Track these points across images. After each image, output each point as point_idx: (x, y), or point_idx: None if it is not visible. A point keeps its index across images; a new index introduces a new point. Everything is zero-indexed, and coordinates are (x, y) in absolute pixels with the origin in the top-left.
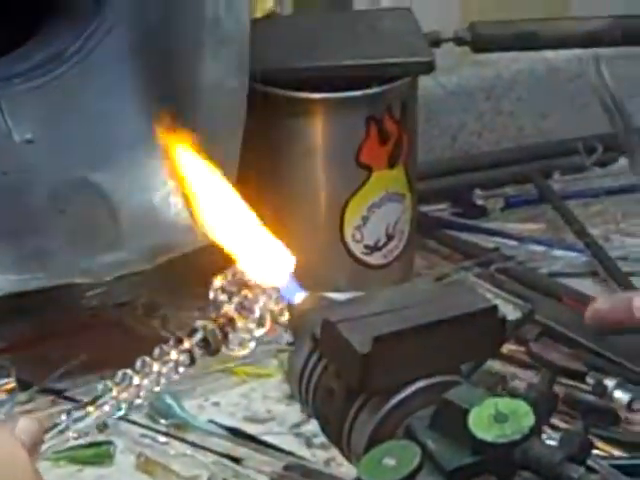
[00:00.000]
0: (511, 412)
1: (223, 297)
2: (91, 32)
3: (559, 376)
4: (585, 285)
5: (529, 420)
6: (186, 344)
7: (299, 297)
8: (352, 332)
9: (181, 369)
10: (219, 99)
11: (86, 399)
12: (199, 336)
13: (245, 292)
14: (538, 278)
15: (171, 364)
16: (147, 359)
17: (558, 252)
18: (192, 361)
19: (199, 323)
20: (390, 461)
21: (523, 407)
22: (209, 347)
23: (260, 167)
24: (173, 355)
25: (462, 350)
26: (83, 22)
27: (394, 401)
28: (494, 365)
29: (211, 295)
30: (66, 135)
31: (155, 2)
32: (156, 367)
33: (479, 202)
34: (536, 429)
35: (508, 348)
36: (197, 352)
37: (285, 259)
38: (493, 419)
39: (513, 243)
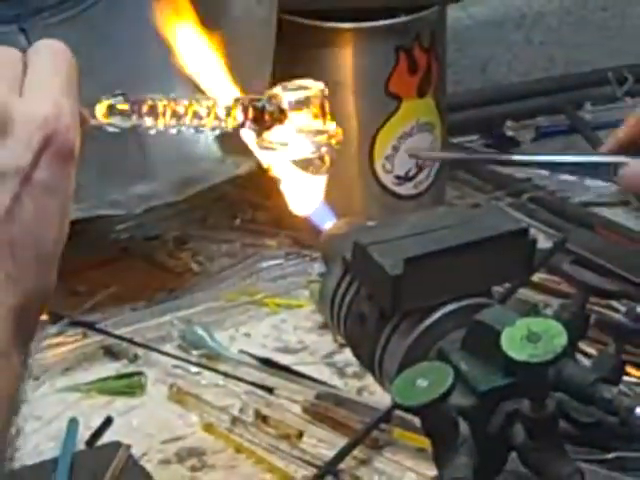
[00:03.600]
0: (544, 332)
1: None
2: None
3: (592, 296)
4: (617, 214)
5: (562, 340)
6: (241, 105)
7: (330, 223)
8: (383, 254)
9: (226, 128)
10: (248, 29)
11: (117, 332)
12: (261, 103)
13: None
14: (570, 207)
15: (220, 118)
16: (203, 100)
17: (590, 182)
18: (242, 125)
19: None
20: (423, 382)
21: (556, 327)
22: (263, 119)
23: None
24: (226, 108)
25: (493, 272)
26: None
27: (426, 323)
28: (526, 293)
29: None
30: (95, 67)
31: None
32: (207, 110)
33: (510, 133)
34: (569, 349)
35: (540, 277)
36: (249, 119)
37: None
38: (526, 339)
39: (544, 173)
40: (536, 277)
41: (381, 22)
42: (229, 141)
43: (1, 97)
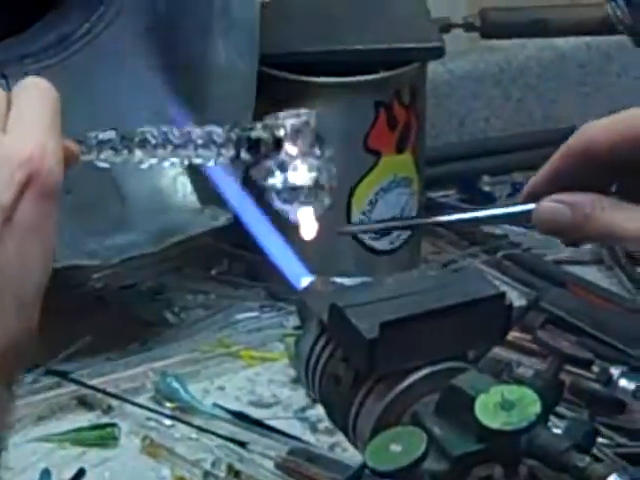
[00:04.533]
0: (518, 400)
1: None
2: (100, 15)
3: (566, 364)
4: (591, 273)
5: (535, 408)
6: (235, 134)
7: (306, 281)
8: (359, 317)
9: (220, 159)
10: (229, 83)
11: (91, 382)
12: (256, 133)
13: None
14: (544, 265)
15: (214, 149)
16: (197, 130)
17: None
18: (236, 156)
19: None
20: (396, 447)
21: (530, 395)
22: (258, 149)
23: None
24: (219, 138)
25: (469, 336)
26: (92, 4)
27: (401, 387)
28: (499, 352)
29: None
30: (74, 116)
31: None
32: (200, 141)
33: (486, 188)
34: (542, 417)
35: (513, 335)
36: (244, 149)
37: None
38: (499, 406)
39: (520, 230)
40: (509, 335)
41: (361, 77)
42: (207, 192)
43: None
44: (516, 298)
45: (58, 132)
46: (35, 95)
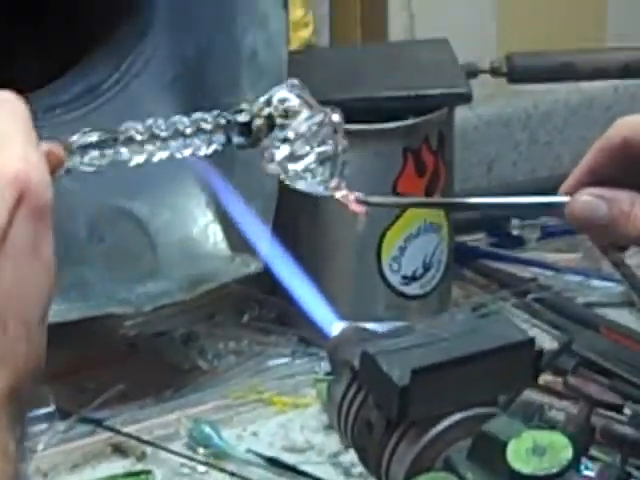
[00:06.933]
0: (549, 445)
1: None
2: (129, 65)
3: (596, 409)
4: (622, 315)
5: (567, 453)
6: (224, 119)
7: (337, 327)
8: (390, 364)
9: (212, 147)
10: None
11: (125, 429)
12: (243, 118)
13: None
14: (575, 308)
15: (204, 137)
16: (185, 120)
17: (595, 282)
18: (228, 141)
19: (245, 106)
20: None
21: (561, 440)
22: (249, 134)
23: (296, 199)
24: (208, 125)
25: (499, 382)
26: (121, 55)
27: (433, 433)
28: (531, 395)
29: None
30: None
31: (193, 36)
32: (188, 130)
33: (515, 232)
34: (574, 462)
35: (545, 379)
36: (235, 134)
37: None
38: (531, 452)
39: (550, 273)
40: (541, 379)
41: (389, 124)
42: (237, 240)
43: None
44: (547, 341)
45: (35, 143)
46: (2, 109)
